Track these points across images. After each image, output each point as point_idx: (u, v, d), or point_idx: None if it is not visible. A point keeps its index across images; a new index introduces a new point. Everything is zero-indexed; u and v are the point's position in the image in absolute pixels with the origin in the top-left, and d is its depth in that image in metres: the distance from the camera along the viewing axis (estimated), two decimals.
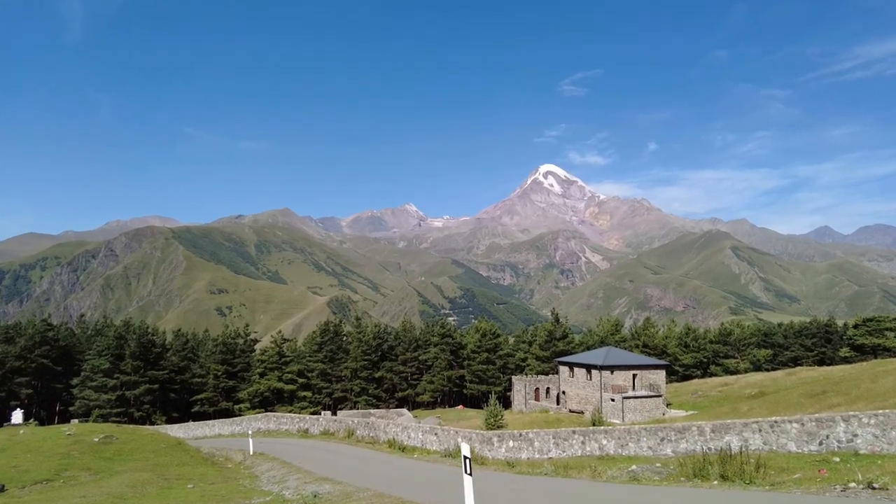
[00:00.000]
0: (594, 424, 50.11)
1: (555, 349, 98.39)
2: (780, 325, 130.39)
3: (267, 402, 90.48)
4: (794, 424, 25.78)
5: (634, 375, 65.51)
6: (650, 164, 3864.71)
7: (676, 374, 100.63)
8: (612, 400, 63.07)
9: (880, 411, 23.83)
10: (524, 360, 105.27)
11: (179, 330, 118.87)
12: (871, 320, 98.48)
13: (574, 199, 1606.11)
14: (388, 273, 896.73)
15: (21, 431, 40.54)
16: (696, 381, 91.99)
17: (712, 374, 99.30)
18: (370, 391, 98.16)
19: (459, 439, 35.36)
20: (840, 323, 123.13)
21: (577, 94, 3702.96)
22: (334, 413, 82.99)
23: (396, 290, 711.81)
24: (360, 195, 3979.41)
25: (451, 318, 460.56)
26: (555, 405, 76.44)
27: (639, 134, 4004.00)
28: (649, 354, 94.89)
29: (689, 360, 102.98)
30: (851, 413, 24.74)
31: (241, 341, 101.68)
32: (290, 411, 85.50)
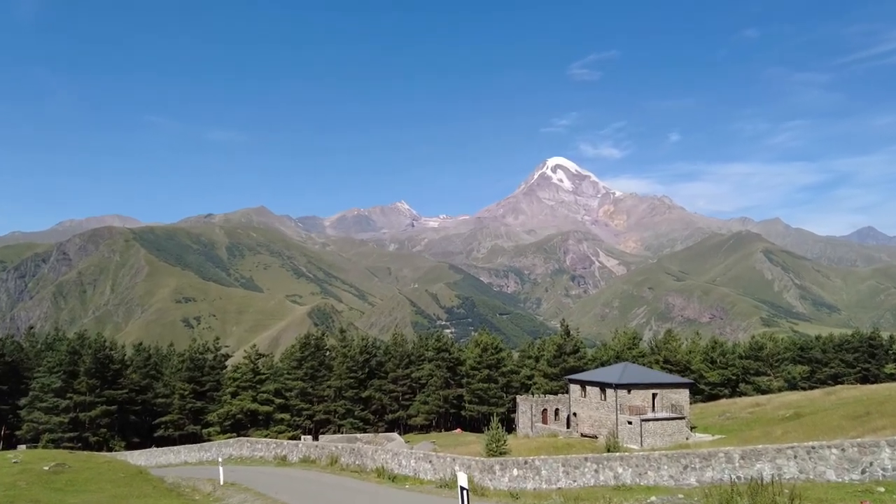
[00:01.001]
0: (609, 450, 50.11)
1: (565, 365, 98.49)
2: (817, 338, 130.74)
3: (240, 426, 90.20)
4: (834, 450, 25.83)
5: (654, 395, 65.53)
6: (672, 157, 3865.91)
7: (701, 393, 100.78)
8: (630, 422, 63.10)
9: None
10: (530, 377, 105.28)
11: (141, 344, 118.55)
12: None
13: (586, 196, 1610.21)
14: (376, 279, 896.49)
15: None
16: (723, 401, 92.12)
17: (742, 394, 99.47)
18: (356, 413, 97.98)
19: (457, 467, 35.34)
20: (886, 336, 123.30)
21: (590, 79, 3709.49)
22: (316, 438, 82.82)
23: (386, 298, 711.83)
24: (346, 191, 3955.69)
25: (447, 331, 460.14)
26: (564, 428, 76.44)
27: (659, 123, 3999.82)
28: (671, 371, 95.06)
29: (716, 377, 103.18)
30: None
31: (210, 357, 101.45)
32: (265, 436, 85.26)
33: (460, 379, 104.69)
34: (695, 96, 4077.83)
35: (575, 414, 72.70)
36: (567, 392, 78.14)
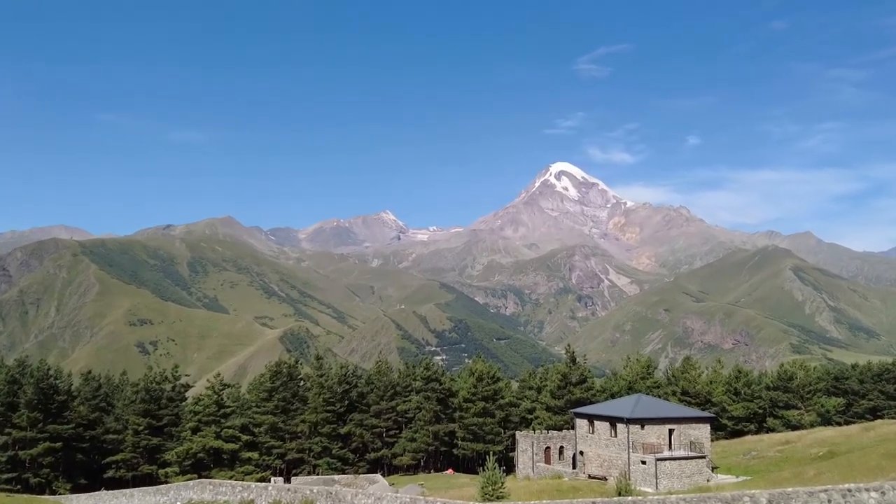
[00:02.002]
0: (620, 494, 49.98)
1: (570, 397, 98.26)
2: (854, 366, 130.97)
3: (201, 466, 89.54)
4: (873, 493, 25.85)
5: (671, 431, 65.44)
6: (690, 163, 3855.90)
7: (724, 429, 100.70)
8: (643, 462, 62.90)
9: None
10: (531, 411, 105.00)
11: (90, 372, 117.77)
12: None
13: (594, 206, 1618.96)
14: (357, 299, 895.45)
15: None
16: (749, 437, 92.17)
17: (769, 430, 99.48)
18: (334, 451, 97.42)
19: None
20: None
21: (599, 75, 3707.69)
22: (288, 480, 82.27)
23: (369, 320, 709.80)
24: (323, 200, 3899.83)
25: (438, 358, 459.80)
26: (570, 469, 76.18)
27: (676, 124, 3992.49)
28: (690, 404, 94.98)
29: (741, 411, 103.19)
30: None
31: (168, 387, 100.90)
32: (231, 477, 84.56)
33: (452, 413, 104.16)
34: (717, 94, 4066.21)
35: (582, 452, 72.43)
36: (573, 428, 77.82)
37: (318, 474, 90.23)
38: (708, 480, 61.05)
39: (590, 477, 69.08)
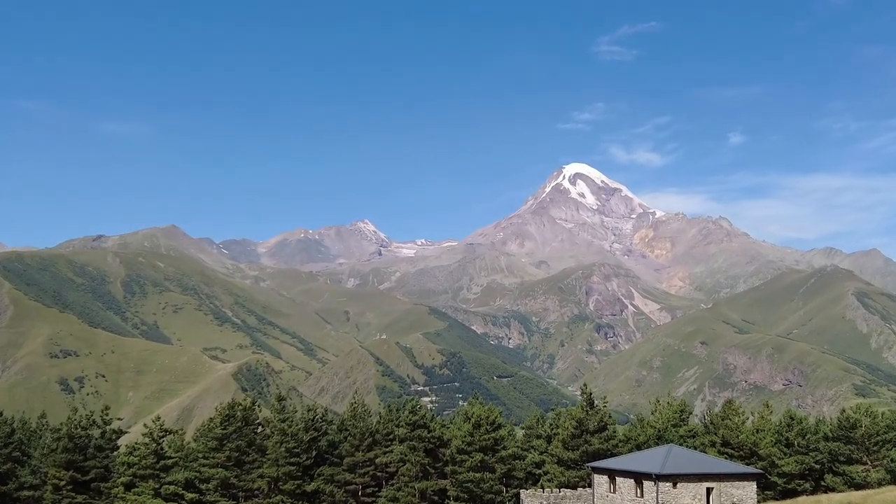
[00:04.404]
0: None
1: (587, 448, 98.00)
2: None
3: None
4: None
5: (709, 490, 65.49)
6: (732, 166, 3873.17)
7: (773, 487, 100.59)
8: None
9: None
10: (539, 465, 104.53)
11: (1, 414, 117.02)
12: None
13: (616, 216, 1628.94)
14: (329, 327, 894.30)
15: None
16: (803, 498, 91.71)
17: (828, 489, 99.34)
18: None
19: None
20: None
21: (623, 59, 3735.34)
22: None
23: (342, 353, 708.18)
24: (288, 206, 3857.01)
25: (426, 399, 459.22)
26: None
27: (716, 119, 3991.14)
28: (732, 457, 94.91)
29: (793, 466, 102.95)
30: None
31: (97, 433, 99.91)
32: None
33: (443, 466, 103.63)
34: (765, 83, 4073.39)
35: None
36: (590, 486, 78.06)
37: None
38: None
39: None
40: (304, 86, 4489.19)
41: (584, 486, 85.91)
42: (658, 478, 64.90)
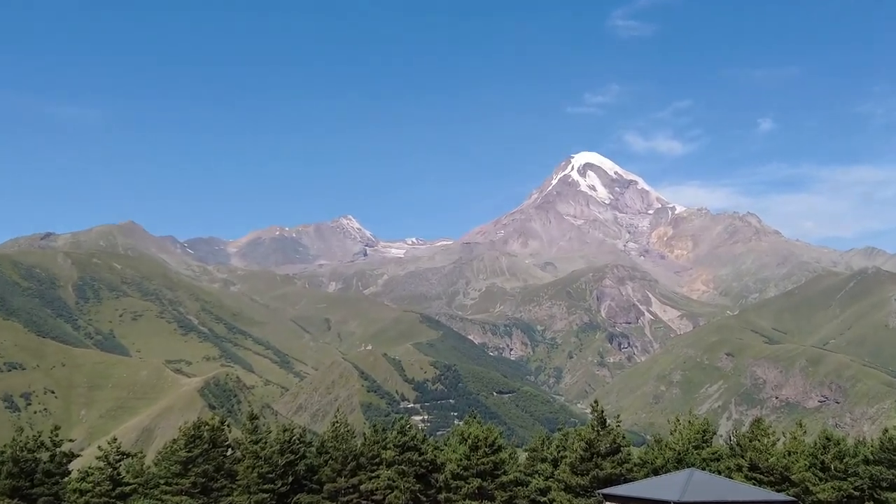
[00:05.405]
0: None
1: (598, 473, 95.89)
2: None
3: None
4: None
5: None
6: (763, 156, 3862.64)
7: None
8: None
9: None
10: (545, 491, 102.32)
11: None
12: None
13: (632, 211, 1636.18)
14: (307, 336, 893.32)
15: None
16: None
17: None
18: None
19: None
20: None
21: (640, 34, 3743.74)
22: None
23: (323, 366, 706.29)
24: (261, 201, 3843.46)
25: (417, 418, 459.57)
26: None
27: (744, 103, 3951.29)
28: (761, 483, 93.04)
29: (830, 493, 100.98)
30: None
31: (45, 456, 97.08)
32: None
33: (436, 493, 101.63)
34: (799, 63, 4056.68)
35: None
36: None
37: None
38: None
39: None
40: (279, 74, 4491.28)
41: None
42: None
